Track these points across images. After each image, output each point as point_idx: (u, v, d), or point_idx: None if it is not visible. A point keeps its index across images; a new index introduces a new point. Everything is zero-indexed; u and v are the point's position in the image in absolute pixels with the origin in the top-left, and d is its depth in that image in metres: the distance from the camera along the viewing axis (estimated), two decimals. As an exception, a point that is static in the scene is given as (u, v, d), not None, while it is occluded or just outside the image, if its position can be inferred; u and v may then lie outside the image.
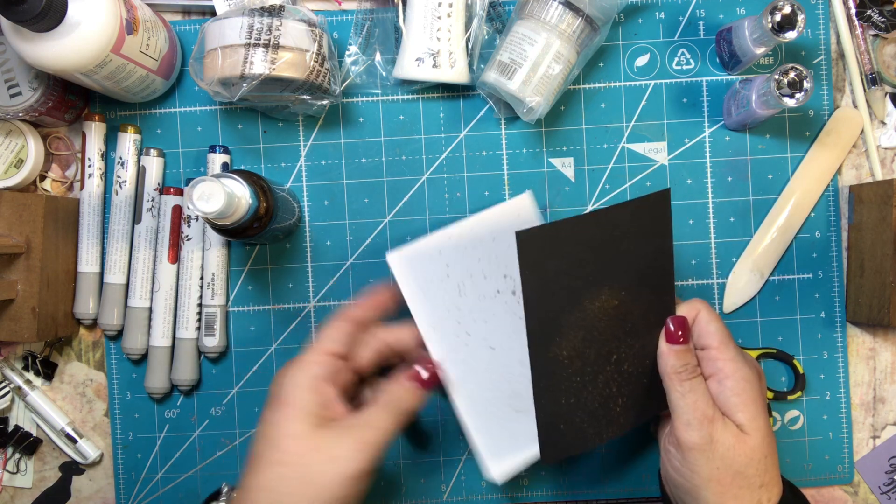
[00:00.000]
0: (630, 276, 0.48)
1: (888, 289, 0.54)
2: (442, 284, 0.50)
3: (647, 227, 0.48)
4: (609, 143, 0.59)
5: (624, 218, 0.47)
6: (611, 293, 0.48)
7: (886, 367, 0.59)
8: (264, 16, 0.50)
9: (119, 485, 0.59)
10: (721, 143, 0.59)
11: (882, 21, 0.58)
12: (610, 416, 0.49)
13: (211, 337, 0.58)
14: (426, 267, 0.50)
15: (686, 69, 0.59)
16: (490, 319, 0.51)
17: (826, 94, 0.59)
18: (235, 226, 0.48)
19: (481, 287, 0.51)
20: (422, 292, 0.50)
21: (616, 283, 0.48)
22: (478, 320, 0.51)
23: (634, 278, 0.48)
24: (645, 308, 0.49)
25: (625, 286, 0.48)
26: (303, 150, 0.59)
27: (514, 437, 0.50)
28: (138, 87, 0.55)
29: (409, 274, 0.50)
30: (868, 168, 0.59)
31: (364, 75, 0.58)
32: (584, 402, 0.48)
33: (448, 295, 0.50)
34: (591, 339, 0.48)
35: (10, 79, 0.53)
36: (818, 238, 0.59)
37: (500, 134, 0.59)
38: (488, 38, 0.58)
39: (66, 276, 0.57)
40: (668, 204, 0.48)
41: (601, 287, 0.47)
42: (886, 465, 0.59)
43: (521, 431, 0.50)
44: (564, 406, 0.48)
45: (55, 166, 0.60)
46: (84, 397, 0.60)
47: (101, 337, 0.60)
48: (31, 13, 0.43)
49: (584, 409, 0.48)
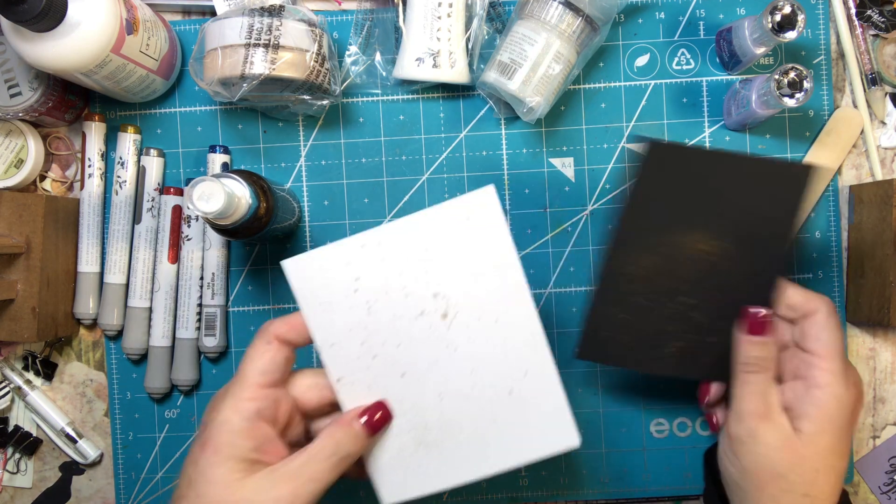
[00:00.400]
0: (734, 233, 0.47)
1: (888, 289, 0.54)
2: (347, 299, 0.43)
3: (776, 195, 0.46)
4: (609, 143, 0.59)
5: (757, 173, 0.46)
6: (705, 238, 0.47)
7: (886, 367, 0.59)
8: (264, 16, 0.50)
9: (119, 485, 0.60)
10: (721, 143, 0.59)
11: (882, 21, 0.58)
12: (659, 351, 0.49)
13: (211, 337, 0.58)
14: (329, 277, 0.43)
15: (686, 69, 0.59)
16: (405, 343, 0.44)
17: (826, 94, 0.59)
18: (235, 226, 0.48)
19: (399, 306, 0.44)
20: (320, 305, 0.43)
21: (716, 231, 0.47)
22: (388, 343, 0.44)
23: (739, 237, 0.47)
24: (739, 271, 0.47)
25: (725, 239, 0.47)
26: (303, 150, 0.59)
27: (411, 469, 0.45)
28: (138, 87, 0.55)
29: (306, 284, 0.43)
30: (868, 168, 0.59)
31: (364, 75, 0.58)
32: (636, 324, 0.48)
33: (353, 312, 0.44)
34: (666, 270, 0.48)
35: (10, 79, 0.53)
36: (818, 238, 0.59)
37: (500, 134, 0.59)
38: (488, 38, 0.58)
39: (66, 276, 0.57)
40: (807, 181, 0.46)
41: (698, 227, 0.47)
42: (886, 465, 0.59)
43: (423, 466, 0.45)
44: (615, 317, 0.48)
45: (55, 166, 0.60)
46: (84, 397, 0.60)
47: (101, 337, 0.60)
48: (31, 13, 0.43)
49: (634, 330, 0.49)
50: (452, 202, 0.43)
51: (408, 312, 0.44)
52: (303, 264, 0.44)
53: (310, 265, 0.43)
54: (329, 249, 0.44)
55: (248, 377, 0.41)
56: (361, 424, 0.43)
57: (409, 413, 0.44)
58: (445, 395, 0.44)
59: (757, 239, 0.47)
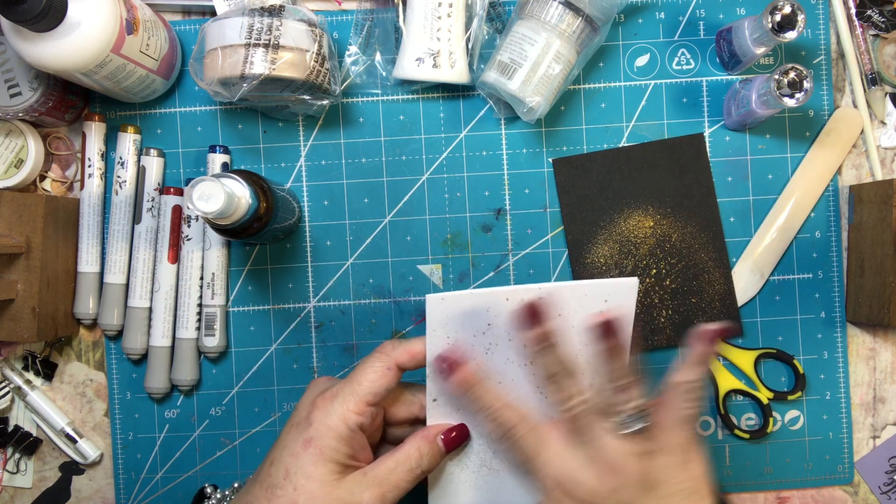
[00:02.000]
0: (665, 203, 0.58)
1: (888, 289, 0.54)
2: (472, 339, 0.46)
3: (683, 163, 0.58)
4: (609, 143, 0.59)
5: (655, 153, 0.58)
6: (644, 214, 0.57)
7: (886, 367, 0.59)
8: (264, 16, 0.50)
9: (119, 485, 0.59)
10: (721, 143, 0.59)
11: (882, 21, 0.58)
12: (654, 324, 0.57)
13: (211, 337, 0.58)
14: (466, 318, 0.46)
15: (686, 69, 0.59)
16: (506, 382, 0.47)
17: (826, 94, 0.59)
18: (235, 226, 0.48)
19: (514, 353, 0.47)
20: (447, 339, 0.46)
21: (650, 206, 0.58)
22: (491, 378, 0.47)
23: (670, 205, 0.58)
24: (685, 234, 0.57)
25: (660, 210, 0.58)
26: (303, 150, 0.59)
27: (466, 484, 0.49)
28: (138, 87, 0.55)
29: (442, 318, 0.46)
30: (868, 168, 0.59)
31: (364, 75, 0.58)
32: None
33: (473, 350, 0.47)
34: (626, 252, 0.57)
35: (10, 79, 0.53)
36: (818, 238, 0.59)
37: (500, 134, 0.59)
38: (488, 38, 0.58)
39: (66, 276, 0.57)
40: (703, 146, 0.58)
41: (634, 208, 0.58)
42: (886, 465, 0.59)
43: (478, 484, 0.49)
44: None
45: (55, 166, 0.60)
46: (84, 397, 0.60)
47: (101, 337, 0.60)
48: (31, 13, 0.43)
49: None
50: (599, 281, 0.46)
51: (519, 359, 0.46)
52: (447, 302, 0.46)
53: (452, 305, 0.46)
54: (476, 294, 0.46)
55: (361, 393, 0.44)
56: (442, 441, 0.46)
57: (481, 439, 0.48)
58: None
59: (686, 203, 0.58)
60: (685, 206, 0.58)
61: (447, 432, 0.46)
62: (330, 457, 0.43)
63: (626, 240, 0.57)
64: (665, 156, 0.58)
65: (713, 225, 0.58)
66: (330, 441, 0.43)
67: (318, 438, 0.43)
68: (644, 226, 0.57)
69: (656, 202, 0.58)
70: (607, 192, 0.58)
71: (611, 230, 0.58)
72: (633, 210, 0.58)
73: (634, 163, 0.57)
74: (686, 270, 0.57)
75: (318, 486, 0.43)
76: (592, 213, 0.58)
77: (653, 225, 0.57)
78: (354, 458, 0.44)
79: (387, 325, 0.59)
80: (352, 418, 0.44)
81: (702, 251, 0.58)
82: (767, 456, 0.59)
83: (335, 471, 0.43)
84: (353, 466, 0.44)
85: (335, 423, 0.44)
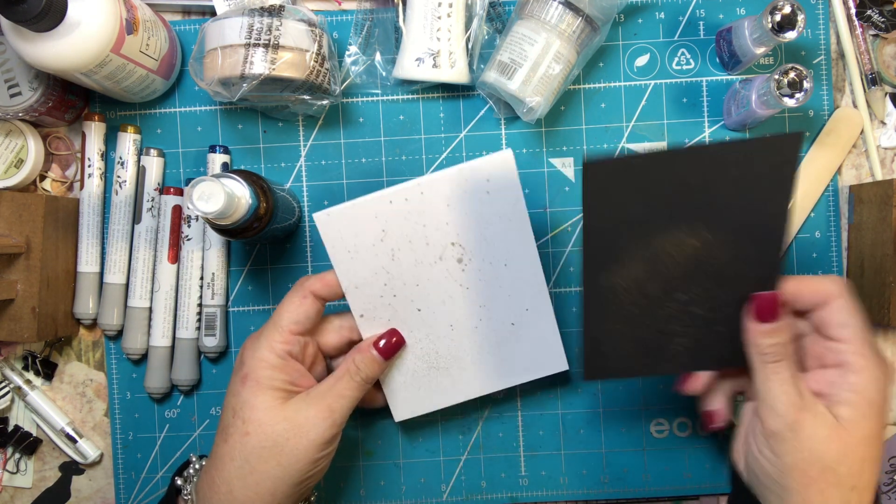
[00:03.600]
0: (721, 222, 0.44)
1: (888, 289, 0.54)
2: (373, 248, 0.50)
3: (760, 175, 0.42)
4: (609, 143, 0.59)
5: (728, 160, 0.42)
6: (690, 233, 0.44)
7: (886, 367, 0.59)
8: (264, 16, 0.50)
9: (119, 485, 0.59)
10: (721, 143, 0.59)
11: (882, 21, 0.58)
12: (666, 352, 0.48)
13: (211, 337, 0.58)
14: (358, 228, 0.49)
15: (686, 69, 0.59)
16: (423, 283, 0.51)
17: (826, 94, 0.59)
18: (235, 226, 0.48)
19: (420, 253, 0.50)
20: (348, 253, 0.50)
21: (701, 225, 0.44)
22: (408, 283, 0.51)
23: (727, 225, 0.44)
24: (734, 257, 0.45)
25: (712, 230, 0.44)
26: (303, 150, 0.59)
27: (422, 390, 0.53)
28: (138, 87, 0.55)
29: (336, 234, 0.49)
30: (868, 168, 0.59)
31: (364, 75, 0.58)
32: (636, 333, 0.47)
33: (378, 258, 0.50)
34: (655, 274, 0.46)
35: (10, 79, 0.53)
36: (818, 238, 0.59)
37: (500, 134, 0.59)
38: (488, 38, 0.58)
39: (66, 276, 0.57)
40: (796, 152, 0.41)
41: (679, 226, 0.44)
42: (886, 465, 0.59)
43: (433, 387, 0.53)
44: (614, 331, 0.48)
45: (55, 166, 0.60)
46: (84, 397, 0.60)
47: (101, 337, 0.60)
48: (31, 13, 0.43)
49: (635, 339, 0.48)
50: (474, 163, 0.49)
51: (427, 258, 0.50)
52: (333, 217, 0.49)
53: (339, 218, 0.49)
54: (358, 203, 0.49)
55: (282, 325, 0.48)
56: (375, 349, 0.50)
57: (422, 342, 0.52)
58: (456, 326, 0.52)
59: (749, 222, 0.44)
60: (747, 227, 0.44)
61: (377, 341, 0.50)
62: (267, 384, 0.46)
63: (658, 261, 0.45)
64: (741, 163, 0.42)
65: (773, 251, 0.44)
66: (263, 371, 0.46)
67: (252, 372, 0.46)
68: (685, 246, 0.44)
69: (709, 219, 0.44)
70: (650, 207, 0.44)
71: (644, 249, 0.45)
72: (674, 228, 0.44)
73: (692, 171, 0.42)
74: (722, 298, 0.45)
75: (264, 413, 0.46)
76: (622, 231, 0.44)
77: (699, 246, 0.44)
78: (294, 384, 0.48)
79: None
80: (277, 347, 0.47)
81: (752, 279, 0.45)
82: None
83: (277, 397, 0.46)
84: (296, 391, 0.47)
85: (263, 355, 0.47)
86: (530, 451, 0.59)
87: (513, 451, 0.59)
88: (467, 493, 0.59)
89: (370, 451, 0.59)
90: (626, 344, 0.48)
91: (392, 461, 0.59)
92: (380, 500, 0.59)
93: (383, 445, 0.59)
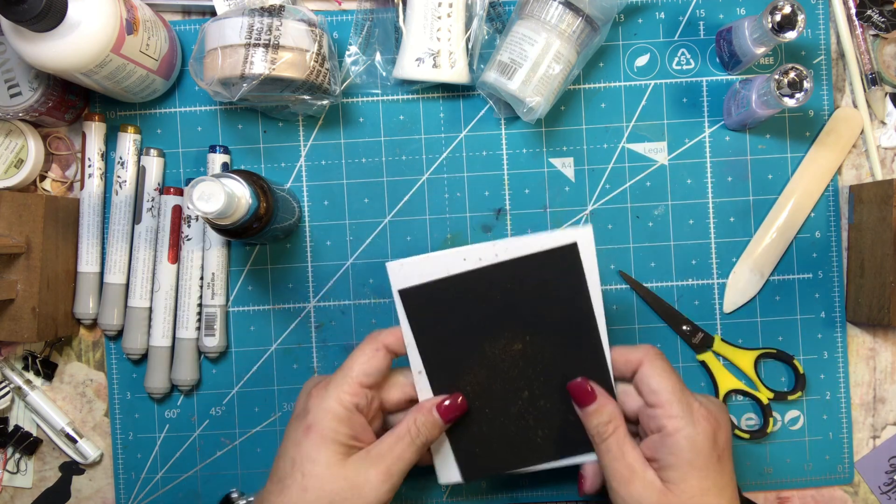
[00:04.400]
0: (536, 322, 0.50)
1: (888, 289, 0.54)
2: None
3: (555, 278, 0.49)
4: (609, 143, 0.59)
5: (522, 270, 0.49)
6: (512, 337, 0.50)
7: (886, 367, 0.59)
8: (264, 16, 0.50)
9: (119, 485, 0.59)
10: (721, 143, 0.59)
11: (882, 21, 0.58)
12: (532, 444, 0.51)
13: (211, 337, 0.58)
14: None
15: (686, 69, 0.59)
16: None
17: (826, 94, 0.59)
18: (235, 226, 0.48)
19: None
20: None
21: (519, 328, 0.50)
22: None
23: (541, 323, 0.50)
24: (559, 350, 0.50)
25: (529, 331, 0.50)
26: (303, 150, 0.59)
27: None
28: (138, 87, 0.55)
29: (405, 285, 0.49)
30: (868, 168, 0.59)
31: (364, 75, 0.58)
32: (497, 430, 0.51)
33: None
34: (495, 376, 0.50)
35: (10, 79, 0.53)
36: (818, 238, 0.59)
37: (500, 134, 0.59)
38: (488, 38, 0.58)
39: (66, 276, 0.57)
40: (577, 257, 0.49)
41: (501, 332, 0.50)
42: (886, 465, 0.59)
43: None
44: (476, 432, 0.51)
45: (55, 166, 0.60)
46: (84, 397, 0.60)
47: (101, 337, 0.60)
48: (31, 13, 0.43)
49: (498, 436, 0.51)
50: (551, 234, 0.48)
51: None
52: (405, 268, 0.48)
53: (411, 269, 0.49)
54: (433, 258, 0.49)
55: (353, 376, 0.47)
56: (437, 411, 0.48)
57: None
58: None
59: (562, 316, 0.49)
60: (559, 323, 0.50)
61: (440, 403, 0.49)
62: (331, 438, 0.45)
63: (494, 365, 0.50)
64: (533, 272, 0.49)
65: (590, 339, 0.50)
66: (328, 423, 0.45)
67: (317, 423, 0.45)
68: (512, 349, 0.50)
69: (525, 322, 0.49)
70: (469, 319, 0.49)
71: (475, 358, 0.50)
72: (498, 334, 0.50)
73: (498, 283, 0.49)
74: (562, 388, 0.50)
75: (324, 469, 0.45)
76: (454, 344, 0.50)
77: (522, 347, 0.50)
78: (357, 438, 0.46)
79: (387, 325, 0.59)
80: (346, 399, 0.46)
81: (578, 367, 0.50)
82: (767, 456, 0.59)
83: (339, 452, 0.45)
84: (357, 447, 0.46)
85: (331, 406, 0.46)
86: (530, 451, 0.59)
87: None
88: (467, 494, 0.59)
89: (370, 451, 0.59)
90: (494, 443, 0.51)
91: (392, 461, 0.59)
92: (380, 500, 0.59)
93: (383, 445, 0.59)
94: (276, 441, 0.59)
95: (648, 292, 0.59)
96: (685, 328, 0.59)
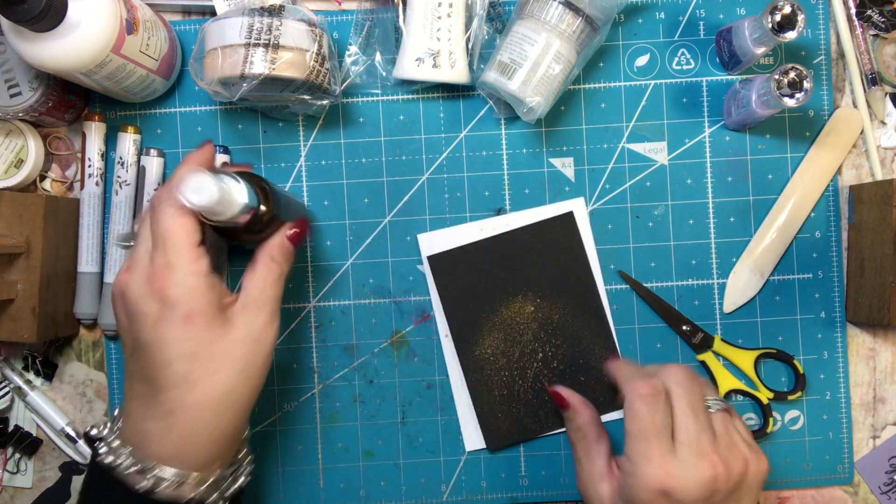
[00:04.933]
0: (543, 285, 0.58)
1: (888, 289, 0.54)
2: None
3: (557, 243, 0.58)
4: (609, 143, 0.59)
5: (528, 237, 0.58)
6: (525, 300, 0.58)
7: (886, 367, 0.60)
8: (264, 16, 0.50)
9: (119, 485, 0.59)
10: (721, 143, 0.59)
11: (882, 21, 0.58)
12: (548, 407, 0.58)
13: (211, 337, 0.58)
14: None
15: (686, 69, 0.59)
16: None
17: (826, 94, 0.59)
18: (232, 225, 0.47)
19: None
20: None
21: (530, 291, 0.58)
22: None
23: (549, 287, 0.58)
24: (566, 313, 0.58)
25: (539, 294, 0.58)
26: (303, 150, 0.59)
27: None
28: (138, 87, 0.55)
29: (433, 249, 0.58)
30: (868, 168, 0.59)
31: (364, 75, 0.58)
32: (516, 394, 0.57)
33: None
34: (512, 339, 0.58)
35: (10, 79, 0.53)
36: (818, 238, 0.59)
37: (500, 134, 0.59)
38: (488, 38, 0.58)
39: (66, 276, 0.57)
40: (573, 223, 0.58)
41: (514, 295, 0.58)
42: (886, 465, 0.59)
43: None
44: (498, 397, 0.58)
45: (55, 166, 0.60)
46: (84, 397, 0.60)
47: (101, 337, 0.60)
48: (31, 13, 0.43)
49: (517, 400, 0.57)
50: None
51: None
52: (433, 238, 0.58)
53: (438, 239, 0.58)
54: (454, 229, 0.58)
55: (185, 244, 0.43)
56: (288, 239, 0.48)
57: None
58: None
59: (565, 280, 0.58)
60: (563, 286, 0.58)
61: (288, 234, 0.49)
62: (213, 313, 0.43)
63: (510, 327, 0.58)
64: (538, 238, 0.57)
65: (592, 300, 0.58)
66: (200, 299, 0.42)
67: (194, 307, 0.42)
68: (525, 311, 0.57)
69: (535, 286, 0.58)
70: (486, 282, 0.58)
71: (493, 320, 0.57)
72: (513, 297, 0.58)
73: (508, 250, 0.57)
74: (571, 350, 0.57)
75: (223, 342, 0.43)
76: (474, 306, 0.58)
77: (534, 309, 0.57)
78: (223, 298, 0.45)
79: (387, 325, 0.59)
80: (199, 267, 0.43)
81: (584, 328, 0.58)
82: (767, 456, 0.59)
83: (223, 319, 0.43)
84: (228, 304, 0.45)
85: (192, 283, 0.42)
86: (530, 452, 0.59)
87: (513, 451, 0.59)
88: (467, 493, 0.59)
89: (370, 451, 0.59)
90: (513, 407, 0.58)
91: (392, 461, 0.59)
92: (380, 500, 0.59)
93: (383, 446, 0.59)
94: (276, 441, 0.59)
95: (648, 292, 0.59)
96: (685, 328, 0.59)
